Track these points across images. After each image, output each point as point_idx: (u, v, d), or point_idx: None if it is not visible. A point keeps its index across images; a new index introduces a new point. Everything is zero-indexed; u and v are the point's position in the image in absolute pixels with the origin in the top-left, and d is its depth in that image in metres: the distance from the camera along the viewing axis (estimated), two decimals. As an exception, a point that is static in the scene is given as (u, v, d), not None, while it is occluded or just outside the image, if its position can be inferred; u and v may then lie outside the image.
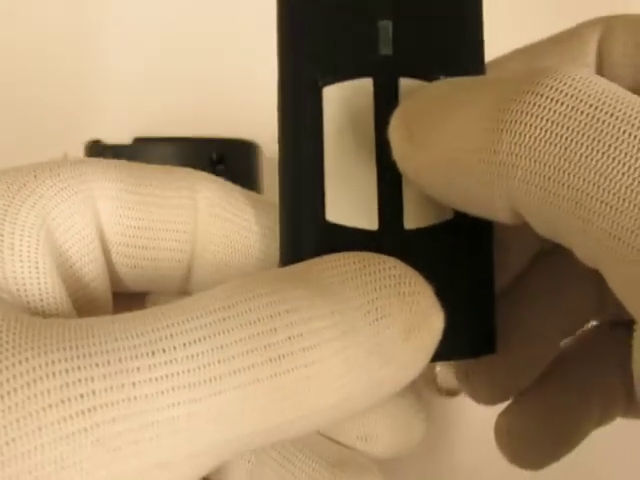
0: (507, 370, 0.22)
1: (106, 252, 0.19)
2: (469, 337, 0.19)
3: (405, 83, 0.19)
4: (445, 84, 0.18)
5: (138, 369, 0.14)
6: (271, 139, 0.20)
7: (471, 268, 0.19)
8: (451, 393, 0.38)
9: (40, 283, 0.17)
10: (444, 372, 0.37)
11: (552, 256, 0.22)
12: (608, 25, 0.21)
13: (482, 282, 0.19)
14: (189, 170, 0.20)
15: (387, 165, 0.18)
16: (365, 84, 0.19)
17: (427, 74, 0.19)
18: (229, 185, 0.20)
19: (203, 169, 0.20)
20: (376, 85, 0.19)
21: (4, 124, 0.42)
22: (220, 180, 0.20)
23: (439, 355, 0.17)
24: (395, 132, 0.18)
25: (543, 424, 0.23)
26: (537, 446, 0.23)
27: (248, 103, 0.40)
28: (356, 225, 0.18)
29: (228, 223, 0.19)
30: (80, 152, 0.38)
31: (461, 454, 0.39)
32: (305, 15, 0.19)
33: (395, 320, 0.15)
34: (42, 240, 0.17)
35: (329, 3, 0.19)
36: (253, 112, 0.38)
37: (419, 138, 0.17)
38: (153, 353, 0.14)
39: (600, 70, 0.21)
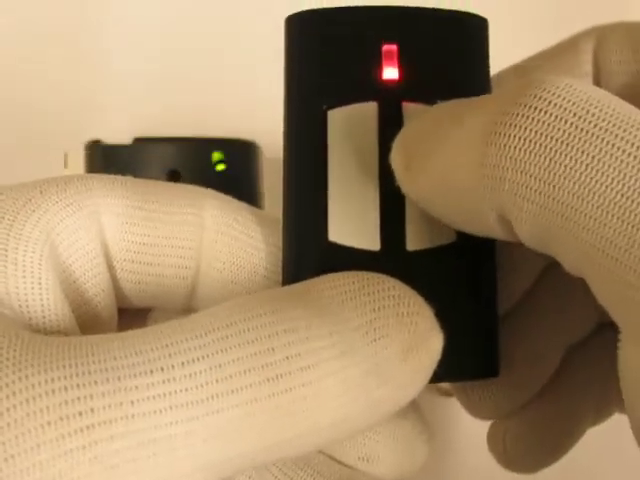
0: (509, 388, 0.22)
1: (111, 268, 0.19)
2: (472, 359, 0.19)
3: (408, 107, 0.19)
4: (443, 107, 0.18)
5: (136, 387, 0.14)
6: (271, 139, 0.20)
7: (474, 290, 0.19)
8: (451, 393, 0.38)
9: (43, 299, 0.17)
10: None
11: (555, 270, 0.22)
12: (603, 34, 0.21)
13: (485, 305, 0.19)
14: (196, 187, 0.20)
15: (390, 187, 0.18)
16: (369, 108, 0.19)
17: (431, 98, 0.19)
18: (235, 202, 0.20)
19: (203, 169, 0.20)
20: (380, 109, 0.19)
21: (4, 124, 0.42)
22: (227, 197, 0.20)
23: (441, 376, 0.17)
24: (396, 158, 0.18)
25: (541, 431, 0.23)
26: (534, 452, 0.23)
27: (248, 103, 0.40)
28: (358, 245, 0.18)
29: (234, 241, 0.19)
30: (80, 152, 0.37)
31: (461, 454, 0.39)
32: (311, 38, 0.19)
33: (393, 341, 0.15)
34: (46, 255, 0.17)
35: (335, 27, 0.19)
36: (253, 112, 0.38)
37: (418, 162, 0.17)
38: (152, 372, 0.14)
39: (597, 80, 0.21)
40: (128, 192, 0.19)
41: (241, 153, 0.38)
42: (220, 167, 0.38)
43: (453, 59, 0.19)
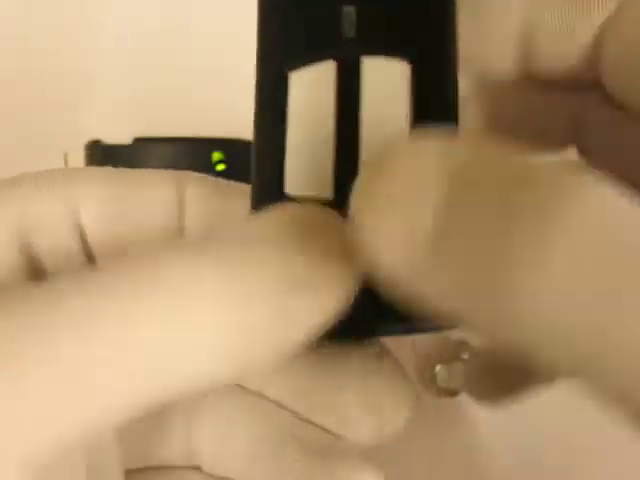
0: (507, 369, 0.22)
1: (87, 250, 0.19)
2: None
3: (368, 62, 0.19)
4: (427, 146, 0.15)
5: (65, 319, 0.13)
6: (271, 140, 0.20)
7: None
8: (451, 393, 0.38)
9: (9, 281, 0.17)
10: (444, 372, 0.37)
11: None
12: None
13: None
14: (173, 171, 0.20)
15: (345, 140, 0.19)
16: (328, 66, 0.20)
17: (391, 53, 0.19)
18: (212, 178, 0.21)
19: (203, 169, 0.21)
20: (339, 66, 0.20)
21: (4, 124, 0.42)
22: (202, 175, 0.21)
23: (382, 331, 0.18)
24: (362, 222, 0.15)
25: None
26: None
27: (248, 103, 0.40)
28: (311, 195, 0.19)
29: (214, 215, 0.20)
30: (80, 152, 0.37)
31: (461, 454, 0.39)
32: (276, 5, 0.20)
33: (311, 249, 0.16)
34: (15, 236, 0.18)
35: None
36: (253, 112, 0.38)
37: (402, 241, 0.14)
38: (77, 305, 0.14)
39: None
40: (107, 178, 0.19)
41: (241, 153, 0.38)
42: (220, 167, 0.38)
43: (416, 17, 0.19)
